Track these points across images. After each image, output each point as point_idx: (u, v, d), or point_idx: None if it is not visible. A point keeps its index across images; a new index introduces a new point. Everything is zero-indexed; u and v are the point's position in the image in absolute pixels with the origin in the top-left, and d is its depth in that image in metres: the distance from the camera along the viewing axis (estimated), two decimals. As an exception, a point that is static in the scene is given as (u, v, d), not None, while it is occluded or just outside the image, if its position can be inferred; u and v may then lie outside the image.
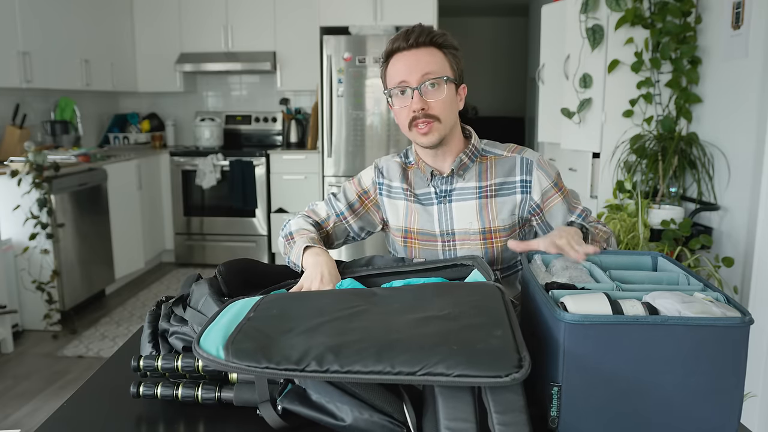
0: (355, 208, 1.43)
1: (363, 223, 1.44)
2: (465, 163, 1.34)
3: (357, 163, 4.38)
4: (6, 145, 3.72)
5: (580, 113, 2.93)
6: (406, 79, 1.25)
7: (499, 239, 1.34)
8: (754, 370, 2.07)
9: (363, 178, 1.46)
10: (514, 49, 6.64)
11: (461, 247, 1.36)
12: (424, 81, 1.24)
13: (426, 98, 1.25)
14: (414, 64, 1.25)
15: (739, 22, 2.28)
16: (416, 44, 1.26)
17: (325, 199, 1.46)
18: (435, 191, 1.37)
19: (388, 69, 1.30)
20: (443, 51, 1.28)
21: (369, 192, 1.44)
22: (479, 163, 1.36)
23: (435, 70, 1.25)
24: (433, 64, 1.25)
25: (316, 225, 1.39)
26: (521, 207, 1.34)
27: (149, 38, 4.92)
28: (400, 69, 1.27)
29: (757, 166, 2.15)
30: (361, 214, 1.43)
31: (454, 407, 0.67)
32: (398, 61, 1.27)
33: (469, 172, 1.35)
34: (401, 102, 1.28)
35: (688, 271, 0.92)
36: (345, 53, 4.24)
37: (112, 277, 4.03)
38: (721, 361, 0.72)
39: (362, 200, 1.44)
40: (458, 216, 1.35)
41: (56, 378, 2.87)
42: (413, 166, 1.41)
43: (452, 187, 1.35)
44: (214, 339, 0.76)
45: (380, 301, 0.88)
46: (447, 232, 1.36)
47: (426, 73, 1.24)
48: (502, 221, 1.34)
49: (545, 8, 3.44)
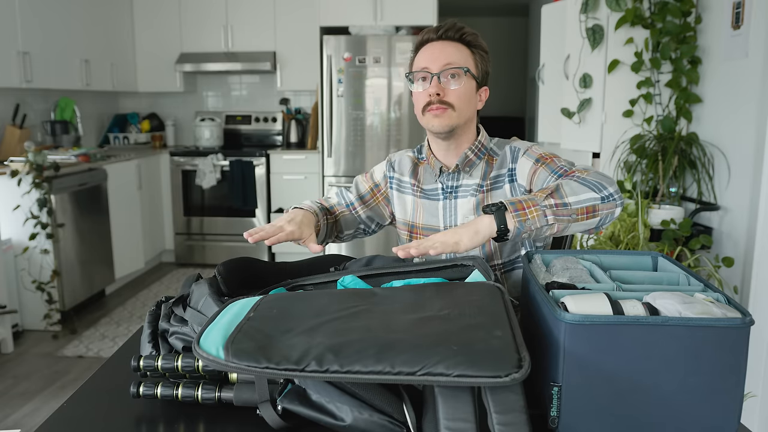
0: (365, 199, 1.47)
1: (372, 214, 1.47)
2: (471, 159, 1.36)
3: (357, 163, 4.38)
4: (6, 145, 3.72)
5: (580, 113, 2.93)
6: (428, 65, 1.30)
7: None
8: (754, 370, 2.07)
9: (375, 172, 1.50)
10: (514, 49, 6.64)
11: None
12: (445, 68, 1.28)
13: (444, 86, 1.29)
14: (438, 54, 1.29)
15: (739, 22, 2.28)
16: (445, 37, 1.31)
17: (337, 191, 1.49)
18: (442, 186, 1.39)
19: (416, 58, 1.34)
20: (471, 49, 1.32)
21: (380, 185, 1.48)
22: (486, 161, 1.37)
23: (457, 61, 1.29)
24: (457, 56, 1.29)
25: (324, 209, 1.41)
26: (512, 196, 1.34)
27: (149, 38, 4.92)
28: (426, 56, 1.31)
29: (757, 166, 2.15)
30: (371, 206, 1.47)
31: (454, 407, 0.67)
32: (425, 51, 1.32)
33: (475, 169, 1.37)
34: (420, 86, 1.31)
35: (689, 271, 0.92)
36: (345, 53, 4.24)
37: (112, 277, 4.03)
38: (721, 361, 0.72)
39: (373, 193, 1.48)
40: (462, 212, 1.37)
41: (56, 378, 2.87)
42: (424, 162, 1.44)
43: (458, 183, 1.37)
44: (214, 339, 0.76)
45: (380, 301, 0.88)
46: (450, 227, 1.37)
47: (448, 63, 1.28)
48: None
49: (545, 8, 3.44)
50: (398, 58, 4.21)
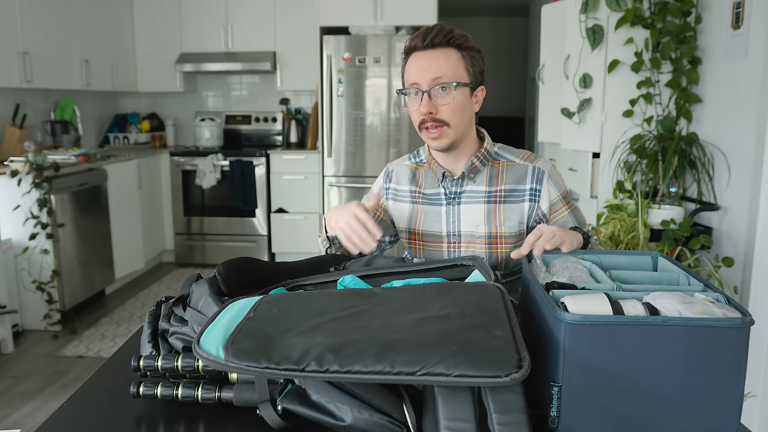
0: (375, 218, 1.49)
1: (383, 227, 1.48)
2: (476, 166, 1.35)
3: (357, 163, 4.38)
4: (6, 145, 3.72)
5: (580, 113, 2.93)
6: (417, 81, 1.26)
7: (505, 246, 1.35)
8: (754, 370, 2.07)
9: (374, 187, 1.50)
10: (514, 49, 6.64)
11: (466, 250, 1.37)
12: (434, 85, 1.24)
13: (435, 102, 1.25)
14: (426, 67, 1.25)
15: (739, 22, 2.28)
16: (432, 44, 1.26)
17: None
18: (445, 192, 1.38)
19: (406, 67, 1.31)
20: (461, 52, 1.27)
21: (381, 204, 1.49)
22: (491, 167, 1.36)
23: (446, 75, 1.24)
24: (446, 67, 1.25)
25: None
26: (529, 216, 1.35)
27: (149, 38, 4.92)
28: (414, 70, 1.27)
29: (757, 166, 2.15)
30: (379, 220, 1.47)
31: (454, 407, 0.67)
32: (414, 61, 1.28)
33: (480, 176, 1.36)
34: (413, 103, 1.29)
35: (689, 271, 0.92)
36: (345, 53, 4.24)
37: (112, 277, 4.03)
38: (721, 361, 0.72)
39: (376, 209, 1.47)
40: (466, 218, 1.36)
41: (56, 378, 2.87)
42: (424, 165, 1.42)
43: (462, 189, 1.36)
44: (213, 339, 0.76)
45: (380, 301, 0.88)
46: (453, 233, 1.37)
47: (436, 78, 1.24)
48: (510, 228, 1.34)
49: (545, 8, 3.44)
50: (398, 58, 4.19)
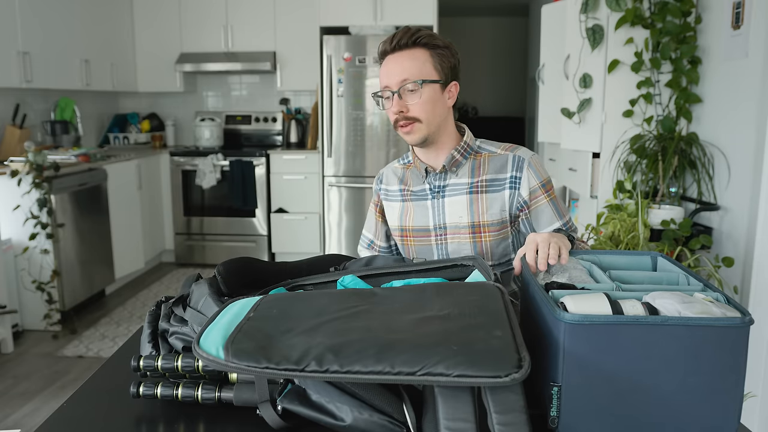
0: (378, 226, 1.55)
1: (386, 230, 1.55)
2: (457, 159, 1.39)
3: (357, 163, 4.38)
4: (6, 145, 3.72)
5: (580, 113, 2.93)
6: (387, 83, 1.33)
7: (488, 234, 1.38)
8: (754, 370, 2.07)
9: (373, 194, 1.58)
10: (514, 49, 6.64)
11: (452, 241, 1.40)
12: (402, 85, 1.30)
13: (406, 101, 1.31)
14: (394, 69, 1.31)
15: (739, 22, 2.28)
16: (399, 47, 1.32)
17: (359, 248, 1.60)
18: (429, 187, 1.42)
19: (380, 71, 1.38)
20: (429, 51, 1.32)
21: (377, 203, 1.55)
22: (473, 160, 1.40)
23: (413, 74, 1.30)
24: (413, 68, 1.30)
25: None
26: (510, 203, 1.38)
27: (149, 38, 4.92)
28: (384, 73, 1.34)
29: (757, 166, 2.15)
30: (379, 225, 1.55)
31: (454, 407, 0.67)
32: (384, 65, 1.35)
33: (462, 169, 1.40)
34: (387, 104, 1.35)
35: (688, 271, 0.92)
36: (345, 53, 4.24)
37: (112, 277, 4.03)
38: (721, 361, 0.72)
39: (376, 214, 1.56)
40: (450, 210, 1.39)
41: (56, 378, 2.87)
42: (411, 165, 1.48)
43: (445, 183, 1.40)
44: (213, 339, 0.76)
45: (380, 301, 0.88)
46: (439, 226, 1.41)
47: (404, 79, 1.30)
48: (492, 216, 1.37)
49: (545, 8, 3.44)
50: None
